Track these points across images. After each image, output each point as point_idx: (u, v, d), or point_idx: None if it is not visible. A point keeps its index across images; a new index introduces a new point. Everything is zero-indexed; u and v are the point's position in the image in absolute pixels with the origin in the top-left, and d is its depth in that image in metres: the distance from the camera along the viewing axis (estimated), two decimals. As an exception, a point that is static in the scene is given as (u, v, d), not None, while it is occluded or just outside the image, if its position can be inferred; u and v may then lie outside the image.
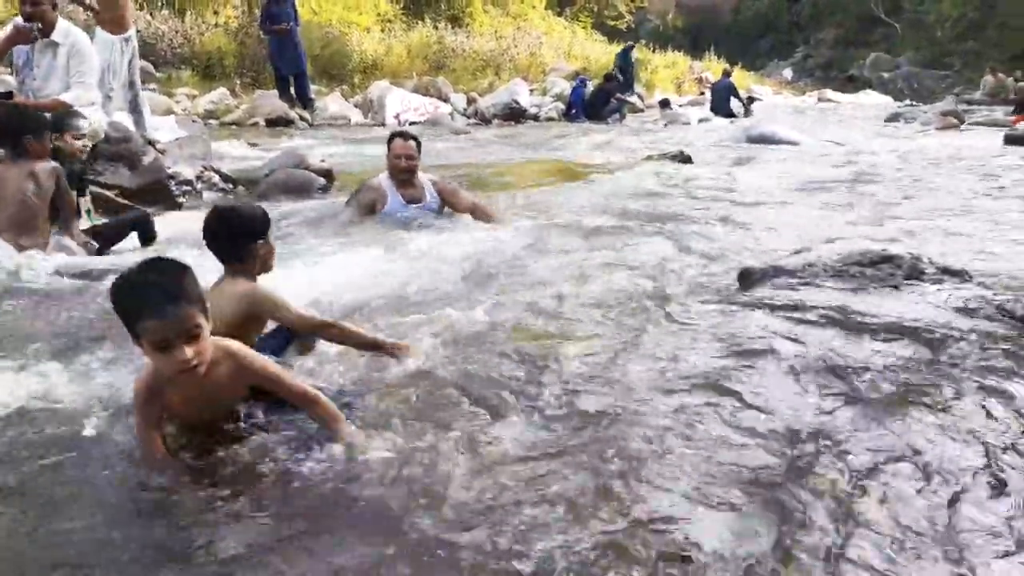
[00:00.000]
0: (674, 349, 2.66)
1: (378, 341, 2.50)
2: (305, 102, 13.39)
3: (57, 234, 3.74)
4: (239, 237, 2.40)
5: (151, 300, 1.70)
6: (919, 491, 1.76)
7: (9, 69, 5.20)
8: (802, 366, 2.47)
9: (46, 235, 3.67)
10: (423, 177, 4.86)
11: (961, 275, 3.29)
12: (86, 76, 4.95)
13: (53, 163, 3.69)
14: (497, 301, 3.19)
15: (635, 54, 19.27)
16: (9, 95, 4.72)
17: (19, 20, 5.01)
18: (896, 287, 3.17)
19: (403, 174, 4.69)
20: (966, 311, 2.89)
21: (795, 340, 2.69)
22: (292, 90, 13.33)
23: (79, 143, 4.13)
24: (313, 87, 15.48)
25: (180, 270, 1.79)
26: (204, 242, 2.46)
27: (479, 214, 4.83)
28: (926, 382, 2.32)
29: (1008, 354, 2.49)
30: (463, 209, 4.82)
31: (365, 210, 4.71)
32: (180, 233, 4.32)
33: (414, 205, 4.76)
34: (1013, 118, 12.91)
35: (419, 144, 4.77)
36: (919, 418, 2.09)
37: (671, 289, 3.39)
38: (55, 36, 4.89)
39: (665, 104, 17.59)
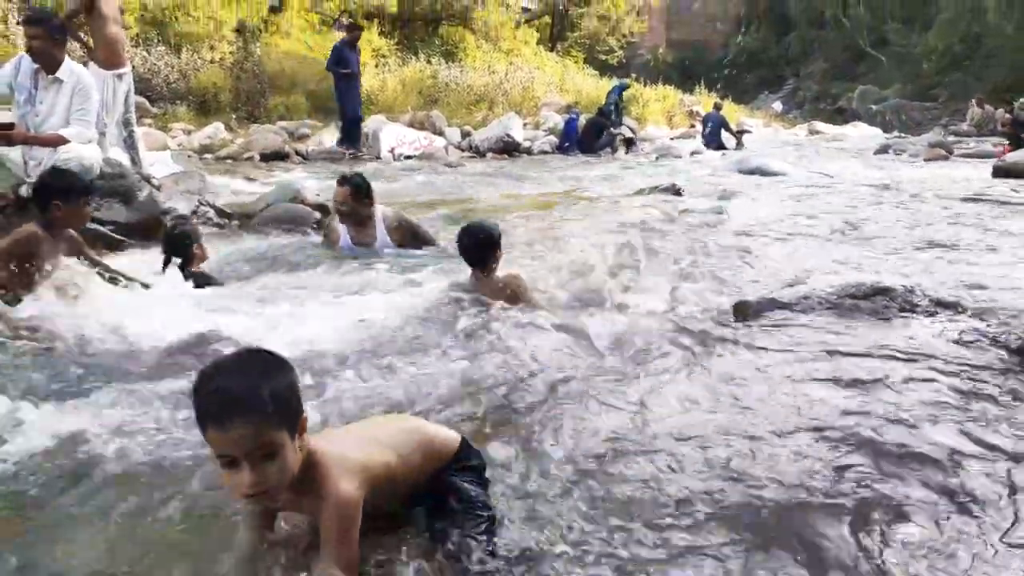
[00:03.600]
0: (668, 385, 2.66)
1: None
2: (356, 145, 13.68)
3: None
4: (488, 248, 3.46)
5: (215, 406, 1.42)
6: (917, 527, 1.75)
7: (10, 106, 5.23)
8: (798, 401, 2.47)
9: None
10: (379, 215, 4.98)
11: (954, 307, 3.31)
12: (87, 114, 4.99)
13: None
14: (482, 341, 3.19)
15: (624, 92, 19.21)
16: (11, 126, 4.75)
17: (25, 55, 5.06)
18: (890, 319, 3.19)
19: (343, 218, 4.93)
20: (960, 343, 2.91)
21: (790, 374, 2.69)
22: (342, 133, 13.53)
23: (205, 250, 4.37)
24: (308, 121, 15.65)
25: (262, 372, 1.47)
26: (459, 250, 3.49)
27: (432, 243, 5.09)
28: (922, 415, 2.32)
29: (1003, 386, 2.49)
30: (425, 240, 5.08)
31: (330, 244, 5.07)
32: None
33: (363, 247, 4.92)
34: (1001, 148, 13.05)
35: (360, 187, 4.84)
36: (916, 451, 2.09)
37: (665, 323, 3.40)
38: (60, 74, 4.94)
39: (630, 143, 17.16)
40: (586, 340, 3.14)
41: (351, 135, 13.56)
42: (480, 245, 3.49)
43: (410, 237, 5.09)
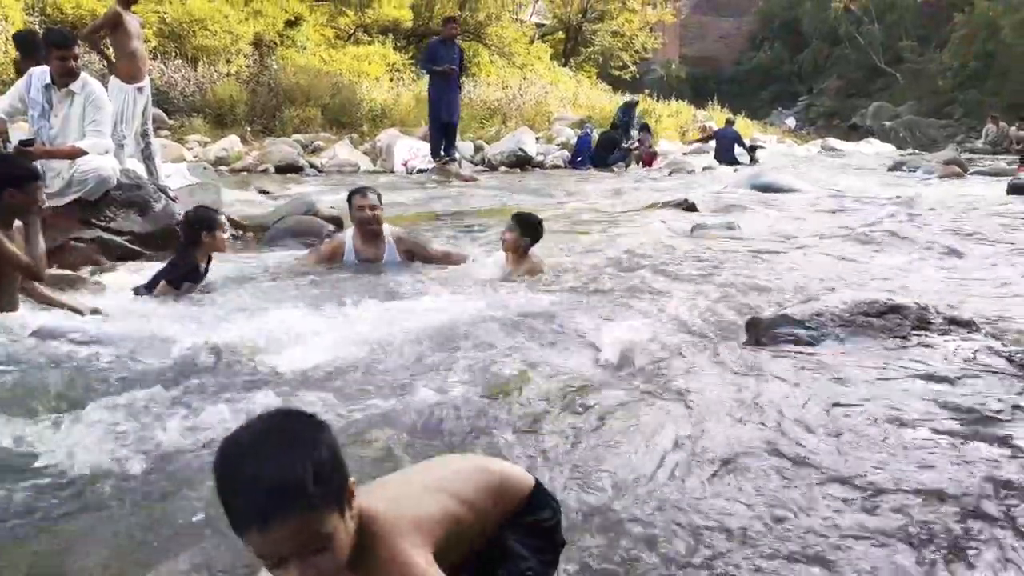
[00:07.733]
0: (681, 403, 2.66)
1: None
2: (448, 152, 12.85)
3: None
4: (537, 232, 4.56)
5: (251, 504, 1.11)
6: (932, 551, 1.74)
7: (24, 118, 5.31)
8: (811, 418, 2.46)
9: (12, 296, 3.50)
10: (387, 232, 4.88)
11: (969, 325, 3.29)
12: (101, 125, 5.05)
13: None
14: (488, 358, 3.19)
15: (638, 109, 19.13)
16: (31, 142, 4.81)
17: (38, 70, 5.12)
18: (904, 337, 3.17)
19: (367, 226, 4.74)
20: (975, 362, 2.89)
21: (803, 392, 2.68)
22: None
23: (227, 236, 4.36)
24: (322, 134, 15.74)
25: (298, 445, 1.16)
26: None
27: (452, 261, 4.91)
28: (935, 433, 2.31)
29: (1018, 406, 2.47)
30: (435, 260, 4.86)
31: (323, 259, 4.87)
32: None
33: (367, 262, 4.80)
34: (1018, 166, 12.96)
35: (380, 197, 4.81)
36: (929, 470, 2.08)
37: (677, 340, 3.39)
38: (73, 87, 5.01)
39: (645, 129, 16.99)
40: (594, 356, 3.15)
41: (435, 141, 12.79)
42: (533, 228, 4.52)
43: (419, 254, 4.97)
